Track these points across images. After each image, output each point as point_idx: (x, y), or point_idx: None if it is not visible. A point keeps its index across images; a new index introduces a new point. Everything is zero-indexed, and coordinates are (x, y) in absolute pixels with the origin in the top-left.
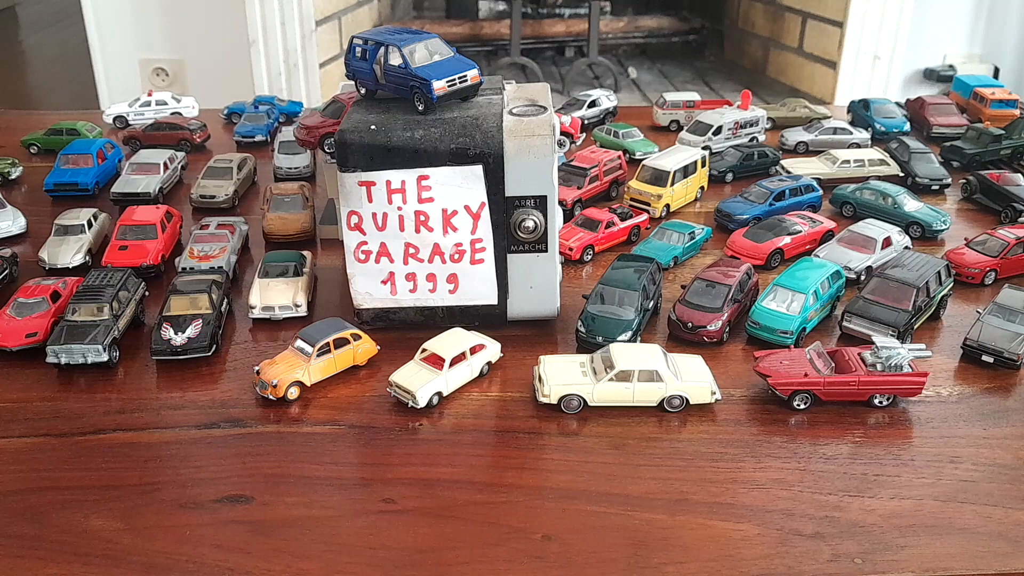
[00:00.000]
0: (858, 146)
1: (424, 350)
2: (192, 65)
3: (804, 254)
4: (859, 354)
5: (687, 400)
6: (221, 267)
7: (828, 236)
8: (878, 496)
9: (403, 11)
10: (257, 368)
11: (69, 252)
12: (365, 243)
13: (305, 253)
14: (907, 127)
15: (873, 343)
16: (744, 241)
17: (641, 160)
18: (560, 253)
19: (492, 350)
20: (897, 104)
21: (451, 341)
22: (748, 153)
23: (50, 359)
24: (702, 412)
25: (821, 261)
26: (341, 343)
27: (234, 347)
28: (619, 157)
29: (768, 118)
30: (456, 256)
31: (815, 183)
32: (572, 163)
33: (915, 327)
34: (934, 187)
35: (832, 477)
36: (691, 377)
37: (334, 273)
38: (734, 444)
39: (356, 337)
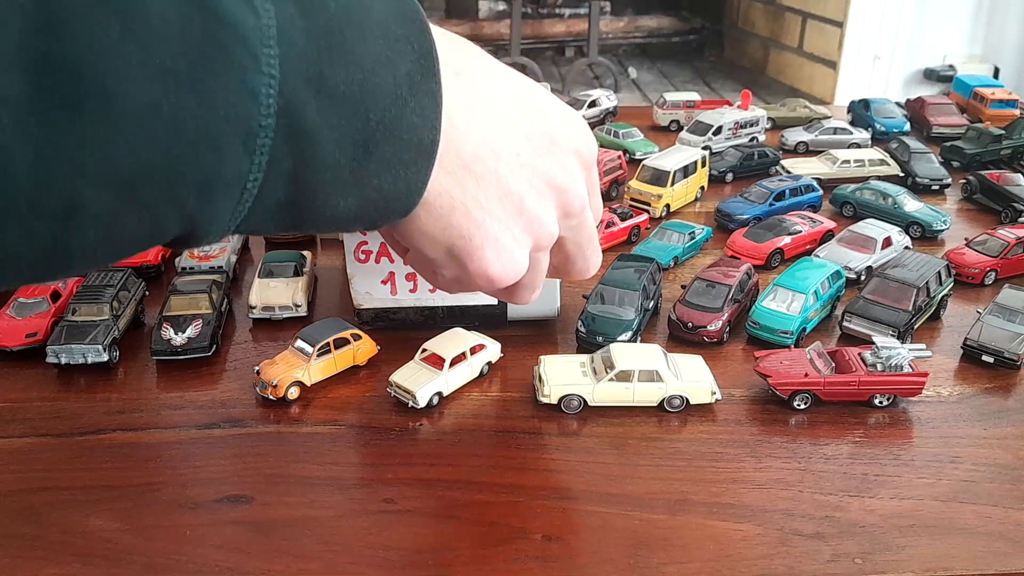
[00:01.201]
0: (858, 146)
1: (424, 350)
2: None
3: (804, 254)
4: (859, 354)
5: (687, 400)
6: (221, 267)
7: (828, 236)
8: (878, 496)
9: None
10: (257, 368)
11: None
12: (365, 243)
13: (305, 253)
14: (907, 127)
15: (873, 343)
16: (744, 241)
17: (641, 160)
18: None
19: (492, 350)
20: (897, 104)
21: (451, 341)
22: (748, 153)
23: (50, 359)
24: (702, 412)
25: (821, 261)
26: (341, 343)
27: (234, 347)
28: (619, 157)
29: (768, 118)
30: None
31: (815, 183)
32: None
33: (915, 327)
34: (934, 187)
35: (832, 477)
36: (691, 377)
37: (334, 273)
38: (734, 444)
39: (356, 337)
